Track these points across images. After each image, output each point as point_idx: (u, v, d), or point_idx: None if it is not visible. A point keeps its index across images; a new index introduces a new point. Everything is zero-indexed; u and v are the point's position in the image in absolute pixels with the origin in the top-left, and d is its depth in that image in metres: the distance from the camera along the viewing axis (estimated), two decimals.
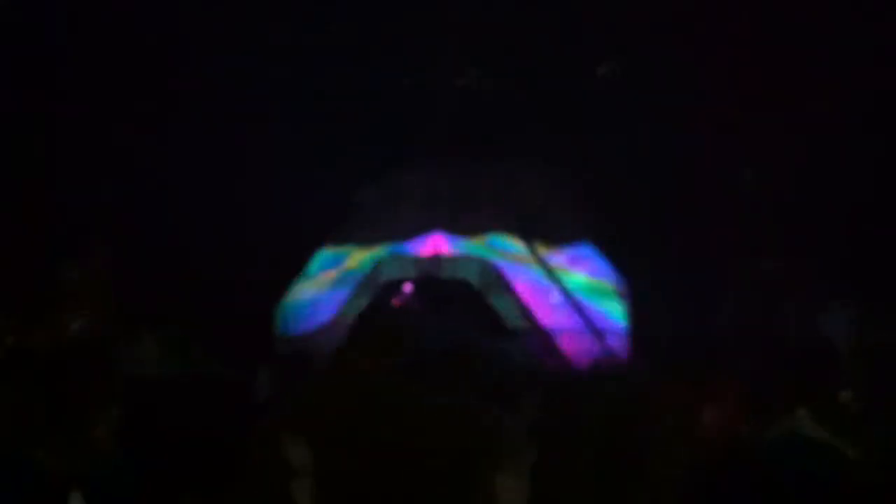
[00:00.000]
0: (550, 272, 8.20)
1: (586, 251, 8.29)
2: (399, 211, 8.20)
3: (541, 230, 8.23)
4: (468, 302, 7.77)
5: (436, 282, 7.93)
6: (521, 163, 8.10)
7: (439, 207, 8.16)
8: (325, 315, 7.99)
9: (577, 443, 2.79)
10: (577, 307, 8.11)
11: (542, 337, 7.78)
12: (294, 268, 8.04)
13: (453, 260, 8.11)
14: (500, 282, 8.05)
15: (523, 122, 7.78)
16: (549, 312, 8.07)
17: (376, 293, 7.88)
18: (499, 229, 8.22)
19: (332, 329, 7.61)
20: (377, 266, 8.13)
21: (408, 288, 7.90)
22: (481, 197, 8.17)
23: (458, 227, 8.17)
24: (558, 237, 8.27)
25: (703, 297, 7.40)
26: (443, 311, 7.60)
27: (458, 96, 7.80)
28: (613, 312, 8.07)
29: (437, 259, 8.08)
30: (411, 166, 8.07)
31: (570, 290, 8.16)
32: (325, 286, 8.17)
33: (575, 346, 7.75)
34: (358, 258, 8.18)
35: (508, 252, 8.25)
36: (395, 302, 7.79)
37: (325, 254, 8.27)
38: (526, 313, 7.95)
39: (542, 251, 8.28)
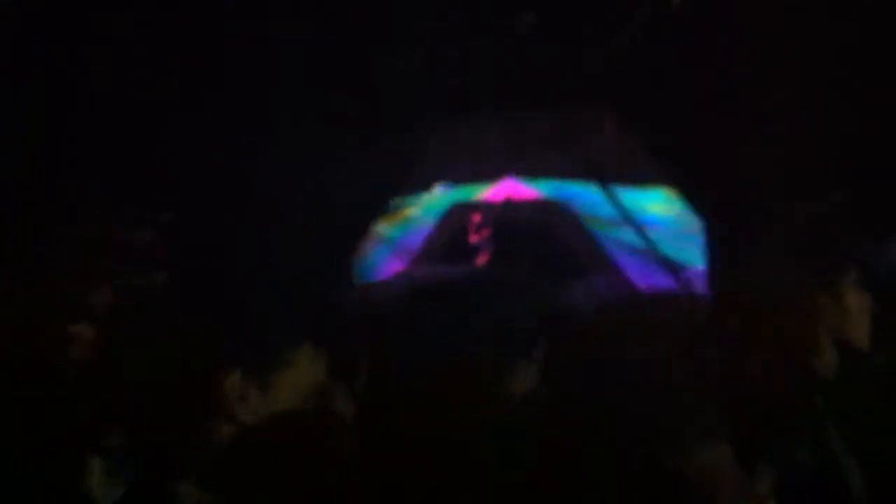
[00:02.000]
0: (625, 209, 8.13)
1: (660, 193, 8.19)
2: (465, 158, 8.20)
3: (612, 172, 8.15)
4: (540, 244, 7.76)
5: (507, 225, 7.94)
6: (585, 108, 8.00)
7: (506, 153, 8.13)
8: (402, 260, 8.07)
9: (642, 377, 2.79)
10: (653, 246, 8.04)
11: (616, 276, 7.74)
12: (361, 222, 8.10)
13: (524, 203, 8.10)
14: (572, 222, 8.02)
15: (582, 68, 7.66)
16: (624, 252, 8.02)
17: (450, 239, 7.93)
18: (569, 172, 8.16)
19: (412, 275, 7.71)
20: (450, 213, 8.17)
21: (484, 234, 7.92)
22: (549, 141, 8.11)
23: (527, 170, 8.14)
24: (631, 179, 8.17)
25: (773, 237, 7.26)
26: (515, 254, 7.62)
27: (515, 42, 7.69)
28: (691, 251, 7.98)
29: (507, 203, 8.08)
30: (472, 115, 8.03)
31: (645, 229, 8.09)
32: (397, 235, 8.24)
33: (650, 284, 7.70)
34: (427, 206, 8.23)
35: (580, 193, 8.19)
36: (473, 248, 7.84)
37: (395, 203, 8.33)
38: (600, 253, 7.91)
39: (616, 192, 8.20)
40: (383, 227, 8.33)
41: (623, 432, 2.56)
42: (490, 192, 8.24)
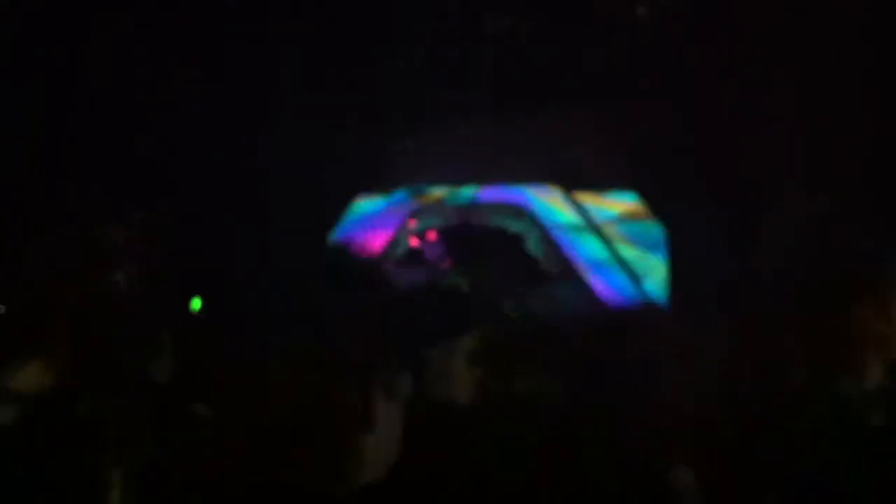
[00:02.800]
0: (589, 219, 8.17)
1: (627, 198, 8.22)
2: (434, 160, 8.18)
3: (579, 178, 8.17)
4: (504, 249, 7.77)
5: (471, 230, 7.93)
6: (556, 112, 8.02)
7: (475, 156, 8.12)
8: (366, 261, 8.03)
9: (611, 388, 2.79)
10: (616, 254, 8.07)
11: (578, 283, 7.77)
12: (326, 219, 8.06)
13: (490, 207, 8.10)
14: (537, 228, 8.03)
15: (558, 71, 7.68)
16: (587, 259, 8.04)
17: (410, 243, 7.92)
18: (536, 177, 8.17)
19: (371, 278, 7.67)
20: (414, 215, 8.15)
21: (446, 237, 7.93)
22: (517, 145, 8.12)
23: (495, 175, 8.14)
24: (597, 185, 8.20)
25: (747, 239, 7.31)
26: (478, 259, 7.62)
27: (493, 44, 7.70)
28: (654, 259, 8.02)
29: (473, 207, 8.08)
30: (444, 117, 8.02)
31: (610, 237, 8.12)
32: (364, 233, 8.20)
33: (612, 292, 7.73)
34: (392, 209, 8.20)
35: (546, 199, 8.21)
36: (436, 252, 7.83)
37: (360, 204, 8.29)
38: (563, 259, 7.93)
39: (581, 198, 8.23)
40: (348, 229, 8.29)
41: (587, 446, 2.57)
42: (455, 196, 8.23)
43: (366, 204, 8.29)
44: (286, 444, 2.02)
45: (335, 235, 8.12)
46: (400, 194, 8.29)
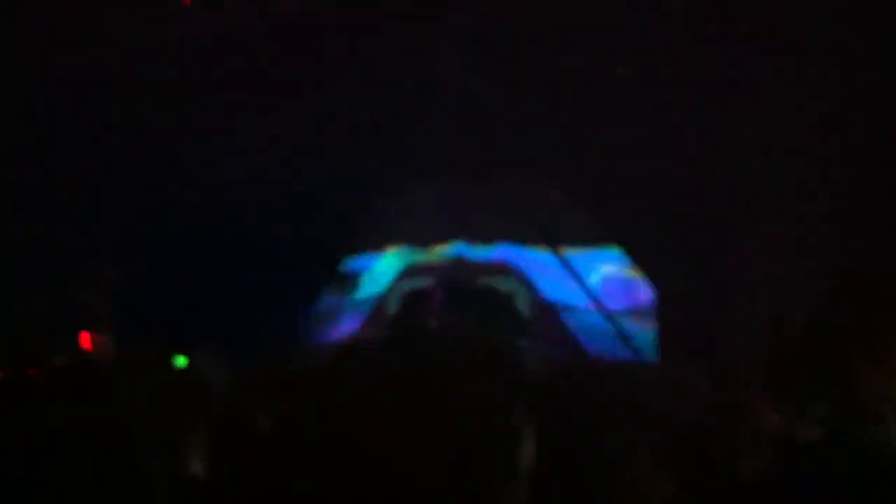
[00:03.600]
0: (575, 275, 8.19)
1: (610, 254, 8.27)
2: (416, 221, 8.22)
3: (561, 234, 8.22)
4: (493, 307, 7.77)
5: (460, 288, 7.94)
6: (534, 169, 8.10)
7: (457, 216, 8.18)
8: (351, 325, 8.02)
9: (601, 442, 2.78)
10: (604, 307, 8.09)
11: (567, 340, 7.77)
12: (311, 280, 8.06)
13: (476, 266, 8.12)
14: (523, 286, 8.05)
15: (531, 129, 7.78)
16: (574, 316, 8.05)
17: (403, 303, 7.90)
18: (519, 235, 8.22)
19: (363, 336, 7.64)
20: (401, 276, 8.16)
21: (437, 295, 7.92)
22: (498, 203, 8.18)
23: (478, 234, 8.19)
24: (580, 240, 8.25)
25: (727, 294, 7.36)
26: (468, 316, 7.61)
27: (464, 104, 7.80)
28: (641, 311, 8.03)
29: (460, 266, 8.10)
30: (422, 177, 8.09)
31: (596, 290, 8.14)
32: (349, 296, 8.20)
33: (601, 348, 7.73)
34: (380, 268, 8.22)
35: (531, 256, 8.25)
36: (426, 308, 7.82)
37: (347, 264, 8.30)
38: (551, 317, 7.94)
39: (565, 254, 8.27)
40: (335, 289, 8.28)
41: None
42: (441, 255, 8.25)
43: (353, 269, 8.30)
44: None
45: (320, 304, 8.12)
46: (386, 256, 8.32)
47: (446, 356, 2.70)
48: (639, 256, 8.10)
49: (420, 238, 8.32)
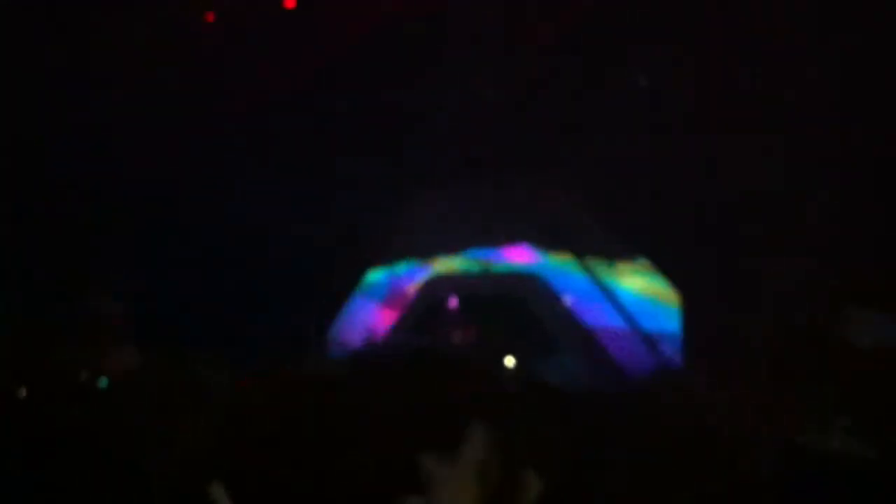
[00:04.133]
0: (599, 281, 8.16)
1: (635, 259, 8.23)
2: (437, 229, 8.23)
3: (584, 242, 8.20)
4: (514, 316, 7.75)
5: (481, 298, 7.93)
6: (556, 178, 8.09)
7: (478, 223, 8.17)
8: (377, 333, 8.03)
9: (633, 455, 2.77)
10: (629, 316, 8.04)
11: (592, 348, 7.73)
12: (329, 290, 8.08)
13: (499, 275, 8.11)
14: (547, 294, 8.02)
15: (545, 135, 7.77)
16: (600, 322, 8.01)
17: (424, 311, 7.91)
18: (543, 242, 8.20)
19: (384, 350, 7.63)
20: (424, 285, 8.16)
21: (453, 304, 7.92)
22: (520, 212, 8.17)
23: (500, 241, 8.18)
24: (604, 247, 8.22)
25: (750, 299, 7.31)
26: (491, 328, 7.60)
27: (477, 111, 7.81)
28: (667, 318, 7.98)
29: (482, 274, 8.09)
30: (440, 185, 8.10)
31: (621, 298, 8.10)
32: (371, 306, 8.21)
33: (627, 355, 7.69)
34: (401, 278, 8.23)
35: (555, 264, 8.22)
36: (442, 320, 7.83)
37: (371, 276, 8.32)
38: (575, 324, 7.91)
39: (590, 261, 8.23)
40: (360, 298, 8.30)
41: None
42: (466, 265, 8.25)
43: (376, 276, 8.32)
44: None
45: (345, 311, 8.13)
46: (409, 265, 8.32)
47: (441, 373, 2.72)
48: (663, 263, 8.06)
49: (441, 247, 8.32)
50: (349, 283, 8.23)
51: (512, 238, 8.19)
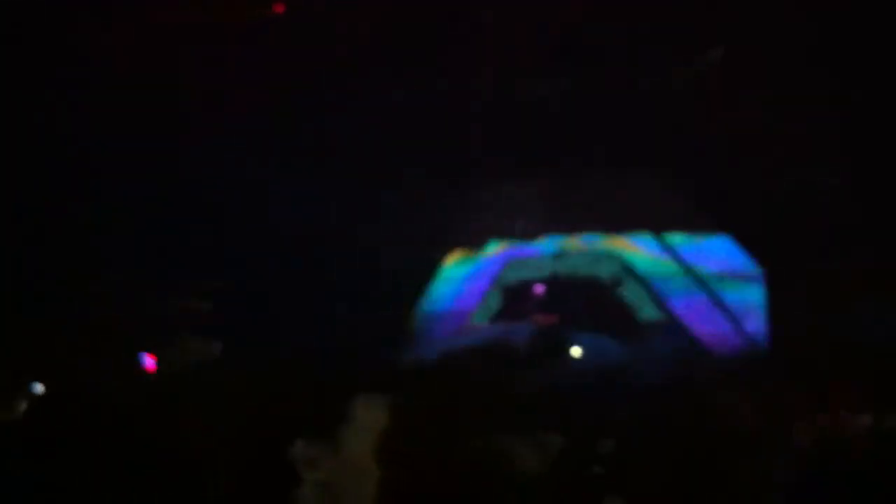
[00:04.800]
0: (683, 263, 8.08)
1: (719, 241, 8.13)
2: (518, 214, 8.24)
3: (667, 223, 8.12)
4: (597, 299, 7.74)
5: (563, 280, 7.93)
6: (635, 163, 8.03)
7: (564, 205, 8.16)
8: (458, 320, 8.10)
9: (707, 441, 2.80)
10: (713, 295, 7.96)
11: (676, 328, 7.68)
12: (417, 278, 8.17)
13: (581, 257, 8.10)
14: (630, 275, 7.99)
15: (614, 125, 7.73)
16: (684, 303, 7.95)
17: (506, 296, 7.95)
18: (622, 226, 8.17)
19: (466, 334, 7.74)
20: (504, 269, 8.20)
21: (539, 290, 7.94)
22: (602, 196, 8.13)
23: (580, 225, 8.17)
24: (687, 229, 8.14)
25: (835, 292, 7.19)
26: (572, 311, 7.61)
27: (543, 102, 7.79)
28: (751, 298, 7.88)
29: (563, 257, 8.08)
30: (523, 172, 8.10)
31: (706, 279, 8.02)
32: (455, 290, 8.28)
33: (712, 335, 7.61)
34: (483, 262, 8.27)
35: (638, 245, 8.17)
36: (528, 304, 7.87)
37: (450, 267, 8.38)
38: (660, 305, 7.86)
39: (674, 242, 8.17)
40: (440, 283, 8.37)
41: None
42: (545, 247, 8.26)
43: (455, 266, 8.37)
44: None
45: (425, 302, 8.21)
46: (490, 250, 8.36)
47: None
48: (748, 243, 7.96)
49: (523, 231, 8.34)
50: (429, 271, 8.30)
51: (591, 221, 8.18)
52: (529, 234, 8.20)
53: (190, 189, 7.43)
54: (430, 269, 8.35)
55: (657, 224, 8.13)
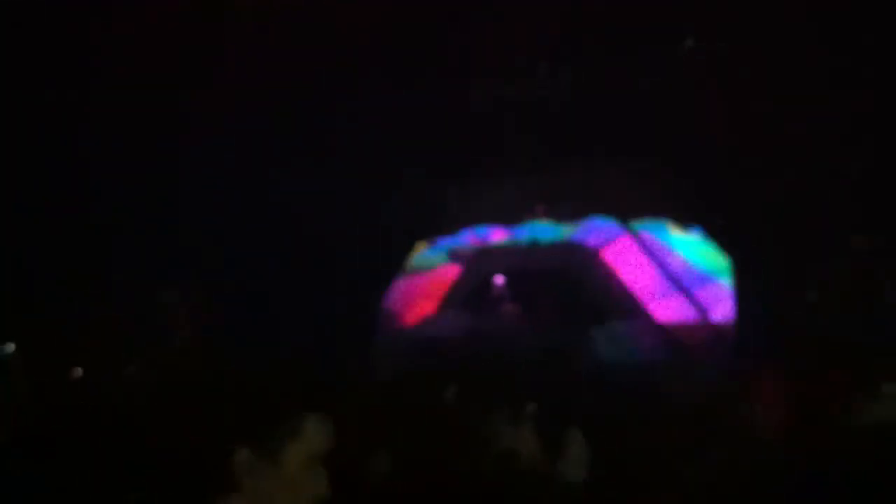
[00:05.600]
0: (653, 252, 8.10)
1: (690, 233, 8.16)
2: (491, 206, 8.25)
3: (638, 212, 8.15)
4: (564, 289, 7.74)
5: (531, 271, 7.94)
6: (607, 156, 8.06)
7: (530, 200, 8.18)
8: (425, 308, 8.09)
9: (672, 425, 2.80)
10: (682, 285, 7.98)
11: (640, 319, 7.69)
12: (388, 265, 8.16)
13: (548, 248, 8.11)
14: (597, 266, 8.00)
15: (604, 117, 7.76)
16: (652, 292, 7.96)
17: (474, 287, 7.96)
18: (592, 215, 8.19)
19: (434, 322, 7.74)
20: (474, 259, 8.20)
21: (499, 280, 7.96)
22: (575, 187, 8.15)
23: (551, 216, 8.18)
24: (656, 219, 8.17)
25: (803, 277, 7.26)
26: (540, 300, 7.62)
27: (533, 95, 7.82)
28: (721, 284, 7.91)
29: (531, 248, 8.10)
30: (496, 164, 8.11)
31: (675, 268, 8.04)
32: (423, 279, 8.27)
33: (679, 323, 7.63)
34: (452, 252, 8.28)
35: (608, 232, 8.18)
36: (492, 296, 7.88)
37: (424, 251, 8.37)
38: (627, 295, 7.87)
39: (643, 232, 8.19)
40: (409, 271, 8.35)
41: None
42: (514, 237, 8.26)
43: (426, 254, 8.36)
44: None
45: (393, 287, 8.20)
46: (459, 240, 8.35)
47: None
48: (717, 232, 8.00)
49: (493, 221, 8.34)
50: (398, 259, 8.29)
51: (569, 212, 8.19)
52: (499, 225, 8.23)
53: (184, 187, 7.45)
54: (399, 256, 8.34)
55: (627, 214, 8.16)
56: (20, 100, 6.95)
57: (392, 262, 8.29)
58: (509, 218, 8.32)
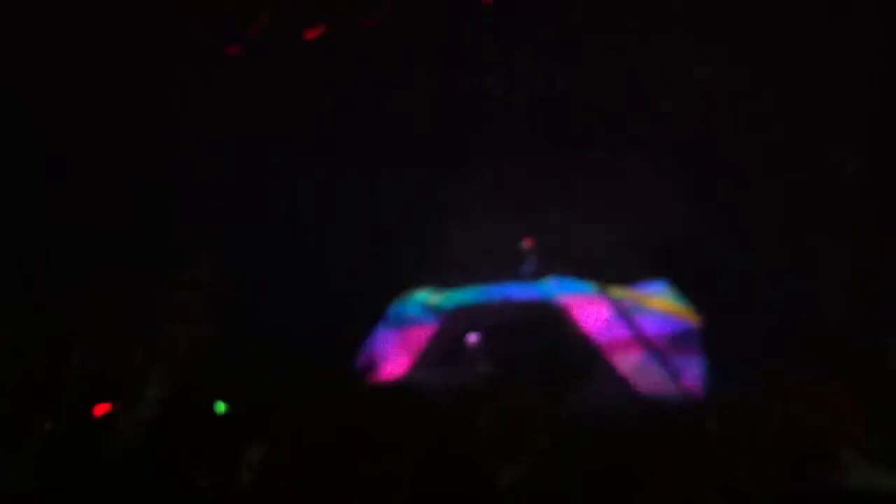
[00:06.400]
0: (623, 311, 8.17)
1: (658, 288, 8.24)
2: (464, 262, 8.30)
3: (609, 271, 8.23)
4: (539, 347, 7.78)
5: (507, 329, 7.97)
6: (579, 212, 8.16)
7: (504, 257, 8.25)
8: (400, 364, 8.08)
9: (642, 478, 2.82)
10: (650, 345, 8.04)
11: (613, 379, 7.73)
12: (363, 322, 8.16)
13: (523, 306, 8.15)
14: (571, 325, 8.05)
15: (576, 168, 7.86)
16: (622, 351, 8.02)
17: (447, 343, 7.97)
18: (565, 271, 8.25)
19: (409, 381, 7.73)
20: (451, 315, 8.22)
21: (472, 338, 8.00)
22: (544, 243, 8.23)
23: (525, 274, 8.25)
24: (628, 277, 8.25)
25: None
26: (515, 358, 7.64)
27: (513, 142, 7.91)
28: (689, 343, 7.97)
29: (505, 305, 8.14)
30: (467, 219, 8.18)
31: (645, 331, 8.10)
32: (395, 336, 8.27)
33: (647, 384, 7.68)
34: (431, 305, 8.30)
35: (578, 292, 8.25)
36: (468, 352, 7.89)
37: (408, 299, 8.39)
38: (597, 356, 7.92)
39: (613, 290, 8.27)
40: (387, 328, 8.35)
41: None
42: (489, 295, 8.30)
43: (401, 305, 8.38)
44: None
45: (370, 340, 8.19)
46: (434, 295, 8.38)
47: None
48: (686, 289, 8.07)
49: (469, 279, 8.39)
50: (374, 313, 8.29)
51: (535, 269, 8.25)
52: (473, 281, 8.27)
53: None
54: (375, 312, 8.34)
55: (599, 272, 8.24)
56: (20, 99, 6.98)
57: (367, 315, 8.28)
58: (482, 276, 8.37)
